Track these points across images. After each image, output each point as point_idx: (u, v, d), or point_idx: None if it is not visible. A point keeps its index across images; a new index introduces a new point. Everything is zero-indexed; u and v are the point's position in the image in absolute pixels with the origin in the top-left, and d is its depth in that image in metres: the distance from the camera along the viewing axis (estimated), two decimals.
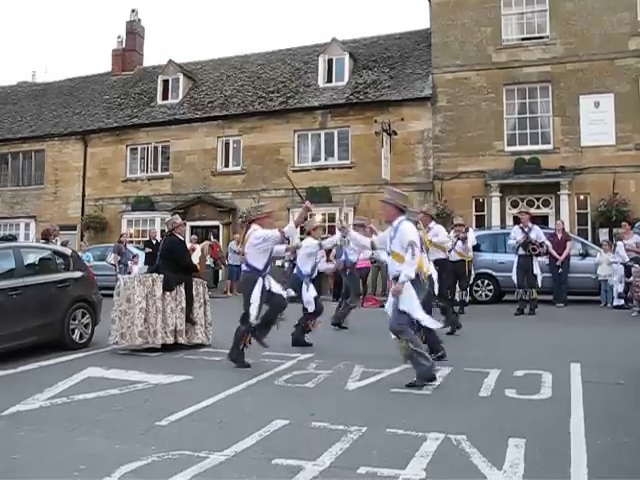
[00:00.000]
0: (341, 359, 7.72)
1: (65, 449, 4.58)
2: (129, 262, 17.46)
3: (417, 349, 6.19)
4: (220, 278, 20.89)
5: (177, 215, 11.19)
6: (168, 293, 8.77)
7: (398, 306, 6.19)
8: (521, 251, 13.05)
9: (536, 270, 12.95)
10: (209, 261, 19.65)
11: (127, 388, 6.41)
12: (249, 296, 7.33)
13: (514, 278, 13.19)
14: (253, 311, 7.25)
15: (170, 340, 8.69)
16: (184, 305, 8.88)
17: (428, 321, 6.34)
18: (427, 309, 7.33)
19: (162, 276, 8.83)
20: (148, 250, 16.74)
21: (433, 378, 6.31)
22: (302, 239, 9.50)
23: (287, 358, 7.92)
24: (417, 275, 6.21)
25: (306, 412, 5.39)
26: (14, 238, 12.30)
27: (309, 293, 9.15)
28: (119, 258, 17.44)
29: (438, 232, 9.94)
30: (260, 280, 7.38)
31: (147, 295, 8.68)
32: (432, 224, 10.02)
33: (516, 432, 4.74)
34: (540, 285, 13.02)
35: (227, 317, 11.18)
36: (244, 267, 7.74)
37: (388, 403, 5.79)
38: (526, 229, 13.16)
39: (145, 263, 16.48)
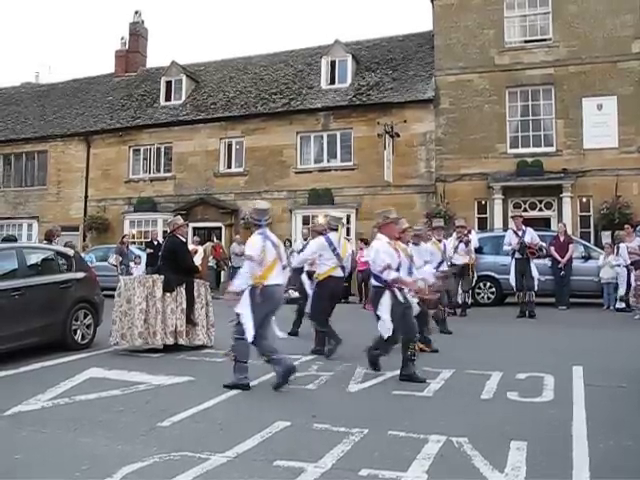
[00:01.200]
0: (343, 361, 7.72)
1: (67, 449, 4.58)
2: (131, 263, 17.46)
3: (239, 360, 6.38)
4: (222, 279, 20.88)
5: (179, 216, 11.19)
6: (168, 294, 8.76)
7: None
8: (517, 254, 13.00)
9: (534, 272, 12.90)
10: (212, 262, 19.62)
11: (129, 389, 6.41)
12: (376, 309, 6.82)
13: (512, 282, 13.15)
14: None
15: (170, 341, 8.69)
16: (185, 306, 8.87)
17: (249, 333, 6.23)
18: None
19: (162, 277, 8.84)
20: (149, 251, 16.73)
21: (245, 387, 6.38)
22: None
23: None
24: (253, 287, 6.28)
25: (308, 414, 5.38)
26: (15, 239, 12.36)
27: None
28: (121, 259, 17.43)
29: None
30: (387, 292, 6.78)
31: (147, 296, 8.68)
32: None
33: (518, 435, 4.74)
34: (537, 287, 12.96)
35: (229, 318, 11.13)
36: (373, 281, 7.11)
37: (390, 405, 5.79)
38: (520, 232, 13.11)
39: (146, 264, 16.47)
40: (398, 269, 6.79)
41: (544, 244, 13.49)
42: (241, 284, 6.36)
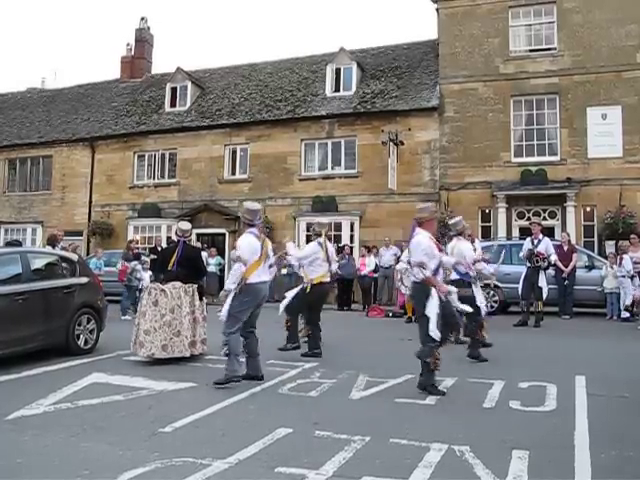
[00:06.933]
0: (345, 368, 7.71)
1: (68, 454, 4.59)
2: (138, 266, 17.35)
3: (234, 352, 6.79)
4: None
5: (185, 222, 11.18)
6: (198, 303, 8.77)
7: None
8: (528, 263, 13.02)
9: (541, 283, 12.88)
10: (214, 268, 19.60)
11: (131, 394, 6.41)
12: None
13: (519, 289, 13.14)
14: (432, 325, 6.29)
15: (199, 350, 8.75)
16: (206, 313, 8.97)
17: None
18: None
19: (196, 285, 8.85)
20: (153, 257, 16.70)
21: (237, 379, 6.74)
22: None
23: (292, 367, 7.92)
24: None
25: (310, 421, 5.38)
26: (19, 244, 12.41)
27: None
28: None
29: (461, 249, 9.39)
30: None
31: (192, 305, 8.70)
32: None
33: (520, 444, 4.73)
34: (545, 297, 12.94)
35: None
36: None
37: (392, 413, 5.78)
38: (535, 241, 13.11)
39: (150, 269, 16.42)
40: (438, 269, 6.45)
41: (555, 259, 13.35)
42: (230, 283, 6.78)
